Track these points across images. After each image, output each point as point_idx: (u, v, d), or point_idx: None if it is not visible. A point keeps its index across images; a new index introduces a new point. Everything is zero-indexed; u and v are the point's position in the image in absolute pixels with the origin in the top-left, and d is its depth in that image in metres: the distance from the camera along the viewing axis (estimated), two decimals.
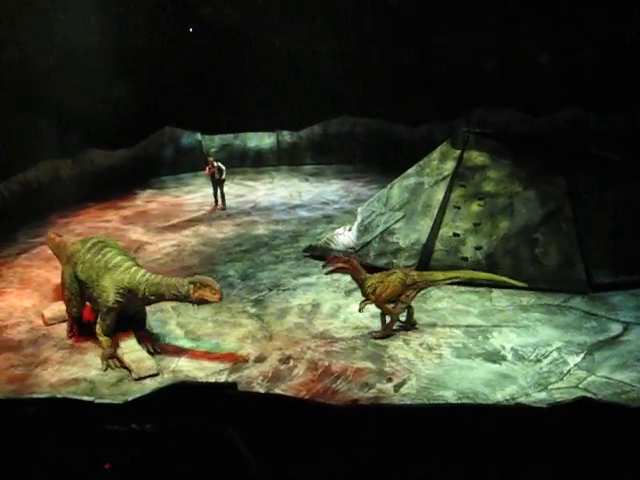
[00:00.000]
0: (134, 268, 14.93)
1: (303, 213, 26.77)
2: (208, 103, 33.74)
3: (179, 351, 15.31)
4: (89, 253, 15.34)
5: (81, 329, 16.08)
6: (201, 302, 14.41)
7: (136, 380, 13.96)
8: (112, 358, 14.75)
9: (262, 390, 13.41)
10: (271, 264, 20.75)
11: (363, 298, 15.95)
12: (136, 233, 24.55)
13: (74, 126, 28.92)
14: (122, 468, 2.88)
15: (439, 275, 16.26)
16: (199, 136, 35.57)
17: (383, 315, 15.98)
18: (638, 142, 28.36)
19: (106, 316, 14.87)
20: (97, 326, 15.02)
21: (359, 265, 16.05)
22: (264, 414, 7.75)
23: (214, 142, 35.71)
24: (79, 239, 16.58)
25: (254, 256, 21.62)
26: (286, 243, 22.91)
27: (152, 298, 14.75)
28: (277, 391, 13.32)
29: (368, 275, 15.90)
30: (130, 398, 9.12)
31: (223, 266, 20.66)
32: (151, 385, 13.45)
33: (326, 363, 14.59)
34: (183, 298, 14.48)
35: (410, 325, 16.13)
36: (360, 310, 16.01)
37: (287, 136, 36.47)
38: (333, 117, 36.02)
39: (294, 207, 27.73)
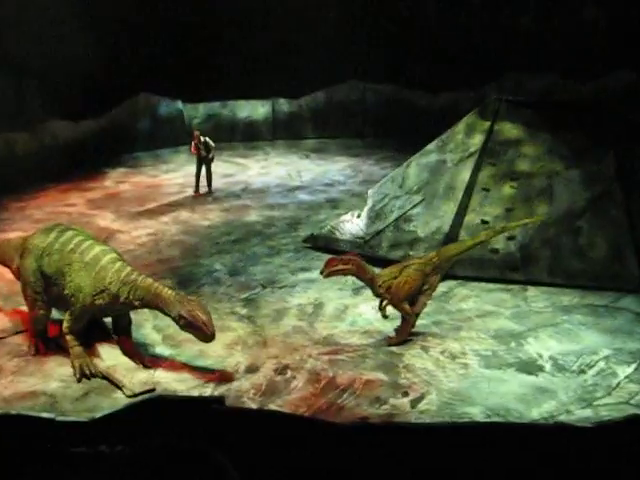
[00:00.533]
0: (118, 264, 14.53)
1: (303, 196, 26.82)
2: (191, 65, 33.65)
3: (156, 360, 15.27)
4: (57, 243, 14.88)
5: (46, 344, 15.60)
6: (188, 330, 14.13)
7: (129, 397, 13.80)
8: (84, 358, 14.50)
9: (254, 406, 13.39)
10: (265, 257, 20.77)
11: (379, 299, 15.92)
12: (105, 220, 24.59)
13: (32, 92, 28.89)
14: None
15: (462, 245, 16.28)
16: (180, 105, 35.64)
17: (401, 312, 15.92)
18: None
19: (78, 317, 14.57)
20: (64, 323, 14.72)
21: (363, 262, 15.87)
22: (257, 434, 7.75)
23: (198, 112, 35.80)
24: (39, 230, 16.12)
25: (245, 247, 21.64)
26: (283, 232, 22.95)
27: (136, 304, 14.42)
28: (272, 407, 13.30)
29: (377, 272, 15.85)
30: (98, 415, 9.12)
31: (208, 259, 20.68)
32: (123, 400, 13.43)
33: (330, 374, 14.56)
34: (169, 315, 14.21)
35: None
36: (383, 316, 15.99)
37: (284, 105, 36.55)
38: (339, 82, 36.01)
39: (292, 189, 27.79)
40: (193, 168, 28.15)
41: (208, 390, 13.97)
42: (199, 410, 8.36)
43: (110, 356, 14.89)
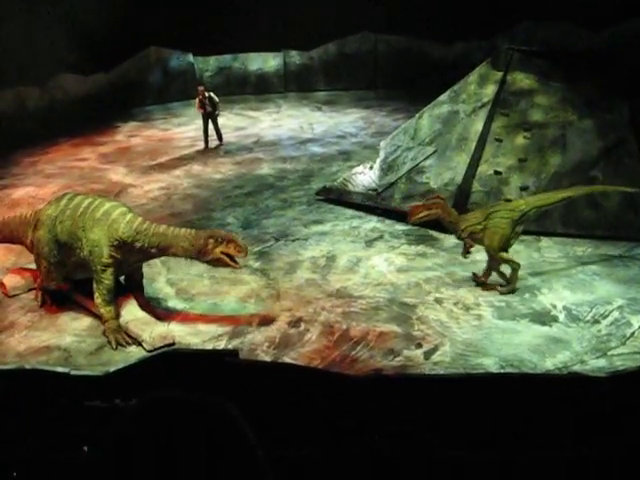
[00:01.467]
0: (129, 215, 14.42)
1: (315, 149, 26.75)
2: (201, 18, 33.47)
3: (170, 313, 15.30)
4: (68, 209, 14.73)
5: (54, 298, 15.67)
6: (218, 263, 14.01)
7: (149, 352, 13.77)
8: (119, 332, 14.30)
9: (268, 358, 13.42)
10: (278, 210, 20.74)
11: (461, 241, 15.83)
12: (117, 174, 24.58)
13: (42, 46, 28.81)
14: (103, 451, 2.87)
15: (552, 197, 15.98)
16: (191, 57, 35.54)
17: (492, 266, 15.80)
18: None
19: (103, 276, 14.33)
20: (95, 295, 14.46)
21: (448, 206, 15.77)
22: (270, 386, 7.76)
23: (209, 65, 35.69)
24: (49, 201, 15.83)
25: (257, 200, 21.62)
26: (295, 185, 22.91)
27: (153, 251, 14.32)
28: (286, 359, 13.33)
29: (462, 216, 15.70)
30: (112, 369, 9.14)
31: (221, 212, 20.66)
32: (137, 353, 13.47)
33: (344, 326, 14.57)
34: (195, 255, 14.06)
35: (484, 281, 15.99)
36: (464, 255, 15.95)
37: (296, 57, 36.42)
38: (351, 34, 35.85)
39: (304, 142, 27.71)
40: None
41: (222, 343, 13.98)
42: (213, 363, 8.36)
43: (126, 312, 14.83)
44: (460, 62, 30.02)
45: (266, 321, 14.66)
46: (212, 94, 27.16)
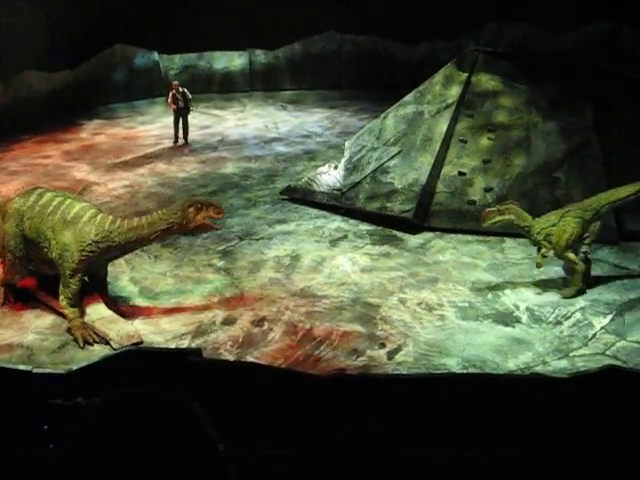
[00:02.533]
0: (100, 216, 14.31)
1: (280, 148, 26.76)
2: (167, 16, 33.40)
3: (133, 312, 15.24)
4: (37, 206, 14.56)
5: (17, 295, 15.51)
6: (201, 229, 14.27)
7: (115, 350, 13.70)
8: (85, 329, 14.18)
9: (231, 357, 13.42)
10: (242, 209, 20.72)
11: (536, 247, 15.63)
12: (81, 171, 24.49)
13: (6, 42, 28.67)
14: (67, 448, 2.87)
15: (620, 192, 15.72)
16: (156, 55, 35.43)
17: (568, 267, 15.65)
18: None
19: (71, 280, 14.19)
20: (60, 297, 14.34)
21: (521, 210, 15.49)
22: (234, 385, 7.77)
23: (174, 63, 35.61)
24: (19, 194, 15.77)
25: (222, 199, 21.52)
26: (260, 184, 22.91)
27: (131, 245, 14.40)
28: (249, 359, 13.33)
29: (536, 220, 15.49)
30: (75, 367, 9.12)
31: None
32: (100, 352, 13.43)
33: (307, 326, 14.60)
34: (178, 229, 14.22)
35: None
36: (538, 266, 15.61)
37: (261, 56, 36.39)
38: (316, 33, 35.87)
39: (269, 141, 27.72)
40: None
41: (185, 342, 13.98)
42: (176, 361, 8.36)
43: (92, 310, 14.61)
44: (425, 63, 30.13)
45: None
46: (185, 90, 27.12)
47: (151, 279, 16.48)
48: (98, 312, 14.60)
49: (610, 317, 14.56)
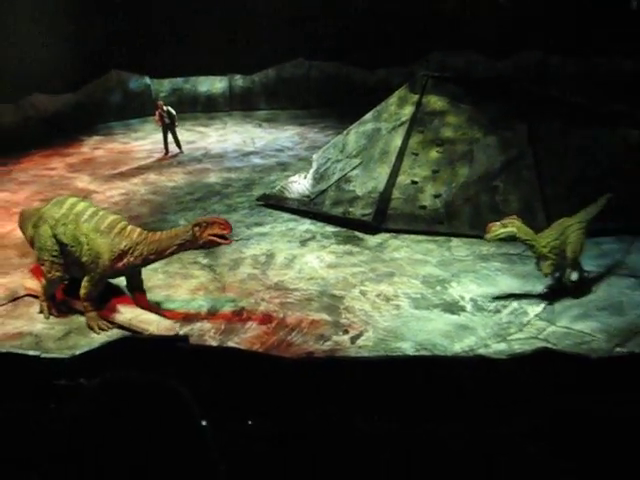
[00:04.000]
0: (129, 228, 14.15)
1: (256, 160, 26.68)
2: (157, 45, 33.35)
3: (174, 313, 14.95)
4: (72, 214, 14.29)
5: (58, 307, 14.98)
6: (211, 244, 13.92)
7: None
8: (99, 319, 14.20)
9: (215, 343, 13.40)
10: (224, 213, 20.62)
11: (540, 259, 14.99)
12: (82, 181, 24.35)
13: (15, 69, 28.55)
14: (69, 423, 2.86)
15: (594, 209, 15.50)
16: (148, 80, 35.26)
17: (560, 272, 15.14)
18: (602, 86, 28.52)
19: (99, 282, 14.11)
20: (83, 292, 14.15)
21: (523, 225, 14.74)
22: (217, 368, 7.74)
23: (163, 86, 35.45)
24: (52, 201, 15.11)
25: (206, 205, 21.54)
26: (239, 192, 22.84)
27: (151, 257, 14.14)
28: (230, 344, 13.31)
29: (539, 235, 14.83)
30: (78, 352, 9.07)
31: (174, 215, 20.57)
32: (100, 339, 13.39)
33: (281, 315, 14.58)
34: (190, 246, 13.97)
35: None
36: (546, 275, 15.01)
37: (239, 80, 36.28)
38: (287, 60, 35.84)
39: (247, 154, 27.62)
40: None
41: (175, 330, 13.91)
42: (166, 347, 8.32)
43: (128, 311, 14.43)
44: (382, 86, 30.04)
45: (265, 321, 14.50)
46: (169, 108, 27.11)
47: (144, 274, 16.36)
48: (132, 312, 14.35)
49: (542, 306, 14.61)
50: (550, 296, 14.99)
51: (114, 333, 13.84)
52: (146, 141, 30.05)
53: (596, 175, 18.28)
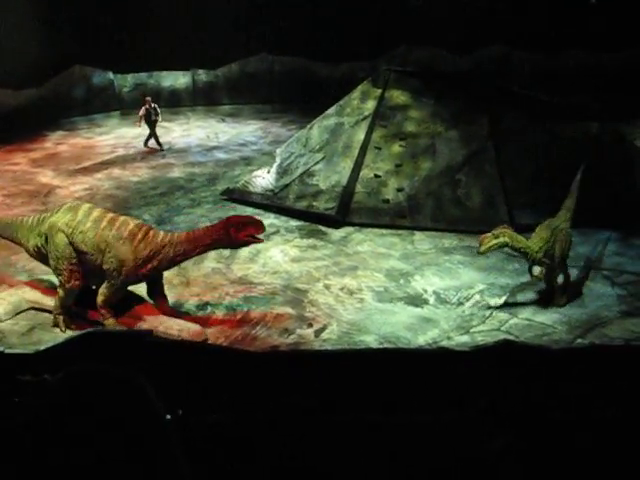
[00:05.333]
0: (152, 232, 13.75)
1: (220, 155, 26.62)
2: (120, 40, 33.14)
3: (197, 317, 14.71)
4: (89, 221, 13.71)
5: (72, 318, 14.24)
6: (245, 245, 13.89)
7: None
8: (117, 325, 13.71)
9: (180, 337, 13.35)
10: (187, 208, 20.61)
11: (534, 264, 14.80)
12: (46, 176, 24.17)
13: None
14: (33, 418, 2.87)
15: (573, 196, 15.52)
16: (111, 75, 35.04)
17: (550, 275, 14.82)
18: (563, 81, 28.72)
19: (120, 289, 13.71)
20: (102, 298, 13.67)
21: (514, 234, 14.38)
22: (182, 361, 7.73)
23: (127, 81, 35.26)
24: (60, 209, 14.40)
25: (170, 200, 21.47)
26: (203, 186, 22.78)
27: (179, 259, 13.83)
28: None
29: (529, 241, 14.49)
30: (42, 347, 9.02)
31: (138, 210, 20.45)
32: (63, 335, 13.30)
33: (245, 309, 14.57)
34: (220, 246, 13.89)
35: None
36: (539, 279, 14.88)
37: (203, 75, 36.16)
38: (251, 55, 35.77)
39: (211, 149, 27.55)
40: (123, 131, 28.01)
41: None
42: (131, 341, 8.30)
43: (153, 319, 13.97)
44: (345, 80, 30.03)
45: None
46: (156, 105, 26.97)
47: None
48: (157, 320, 13.94)
49: (504, 298, 14.71)
50: (512, 288, 15.11)
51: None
52: (110, 136, 29.90)
53: (557, 169, 18.40)
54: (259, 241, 13.79)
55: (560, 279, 14.88)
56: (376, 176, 19.12)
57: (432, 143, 19.16)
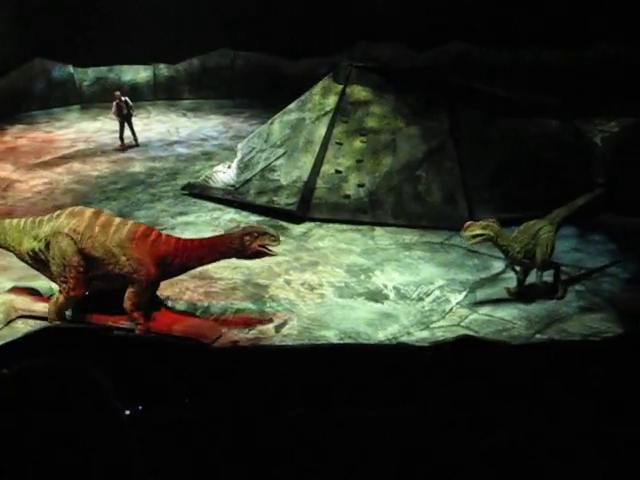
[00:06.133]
0: (164, 236, 13.68)
1: (181, 150, 26.53)
2: (81, 33, 32.90)
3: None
4: (97, 225, 13.41)
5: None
6: (257, 255, 13.63)
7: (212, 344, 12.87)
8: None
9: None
10: (148, 203, 20.52)
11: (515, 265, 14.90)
12: (5, 170, 23.97)
13: None
14: None
15: (571, 207, 15.54)
16: (71, 69, 34.80)
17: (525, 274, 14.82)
18: (522, 78, 28.86)
19: (145, 291, 13.51)
20: (129, 303, 13.38)
21: (501, 230, 14.40)
22: (141, 357, 7.69)
23: (87, 75, 35.02)
24: (63, 214, 13.87)
25: (130, 194, 21.36)
26: (163, 181, 22.69)
27: (191, 264, 13.77)
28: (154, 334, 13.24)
29: (512, 240, 14.48)
30: (0, 343, 8.97)
31: (98, 204, 20.25)
32: (23, 329, 13.20)
33: (205, 304, 14.55)
34: (234, 254, 13.64)
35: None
36: (521, 281, 14.80)
37: (164, 69, 36.01)
38: (212, 50, 35.67)
39: (172, 143, 27.44)
40: (83, 125, 27.80)
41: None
42: (89, 338, 8.25)
43: (171, 321, 13.95)
44: (306, 76, 29.99)
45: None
46: (127, 98, 26.67)
47: None
48: (171, 320, 13.88)
49: (464, 294, 14.79)
50: (472, 284, 15.18)
51: (39, 324, 13.64)
52: (70, 130, 29.69)
53: (517, 165, 18.53)
54: (273, 253, 13.76)
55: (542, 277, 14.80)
56: (337, 172, 19.13)
57: (393, 139, 19.20)
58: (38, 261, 13.94)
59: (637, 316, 13.84)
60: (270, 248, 13.55)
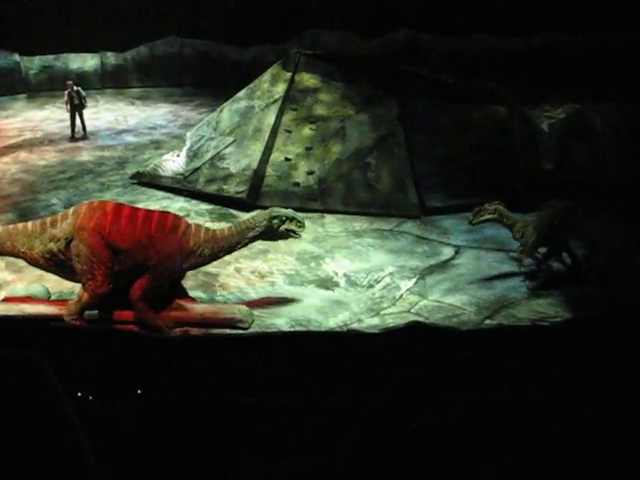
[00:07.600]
0: (193, 226, 13.39)
1: (129, 138, 26.39)
2: (27, 21, 32.61)
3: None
4: (122, 218, 12.97)
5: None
6: (284, 238, 13.69)
7: (248, 329, 12.97)
8: (159, 321, 13.02)
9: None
10: (97, 192, 20.37)
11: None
12: None
13: None
14: None
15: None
16: (17, 57, 34.50)
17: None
18: (470, 64, 29.05)
19: (162, 283, 13.14)
20: (137, 292, 12.98)
21: (506, 210, 14.67)
22: (91, 347, 7.67)
23: (33, 64, 34.77)
24: (81, 211, 13.24)
25: (79, 184, 21.21)
26: (112, 170, 22.55)
27: (221, 254, 13.48)
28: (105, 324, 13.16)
29: (517, 218, 14.76)
30: None
31: (46, 194, 20.19)
32: None
33: None
34: (261, 237, 13.54)
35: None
36: (518, 259, 15.21)
37: (111, 57, 35.83)
38: (160, 38, 35.53)
39: (120, 132, 27.30)
40: (30, 114, 27.52)
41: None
42: (40, 327, 8.22)
43: (195, 309, 13.52)
44: (255, 63, 30.05)
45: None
46: (79, 89, 26.40)
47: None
48: (201, 307, 13.60)
49: (414, 281, 14.85)
50: (422, 271, 15.27)
51: None
52: (16, 119, 29.42)
53: (466, 152, 18.64)
54: (297, 236, 13.79)
55: (528, 261, 15.03)
56: (287, 159, 19.12)
57: (342, 126, 19.22)
58: (56, 262, 13.41)
59: (584, 300, 13.99)
60: (297, 231, 13.60)
